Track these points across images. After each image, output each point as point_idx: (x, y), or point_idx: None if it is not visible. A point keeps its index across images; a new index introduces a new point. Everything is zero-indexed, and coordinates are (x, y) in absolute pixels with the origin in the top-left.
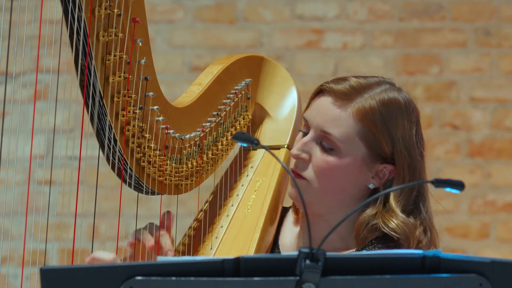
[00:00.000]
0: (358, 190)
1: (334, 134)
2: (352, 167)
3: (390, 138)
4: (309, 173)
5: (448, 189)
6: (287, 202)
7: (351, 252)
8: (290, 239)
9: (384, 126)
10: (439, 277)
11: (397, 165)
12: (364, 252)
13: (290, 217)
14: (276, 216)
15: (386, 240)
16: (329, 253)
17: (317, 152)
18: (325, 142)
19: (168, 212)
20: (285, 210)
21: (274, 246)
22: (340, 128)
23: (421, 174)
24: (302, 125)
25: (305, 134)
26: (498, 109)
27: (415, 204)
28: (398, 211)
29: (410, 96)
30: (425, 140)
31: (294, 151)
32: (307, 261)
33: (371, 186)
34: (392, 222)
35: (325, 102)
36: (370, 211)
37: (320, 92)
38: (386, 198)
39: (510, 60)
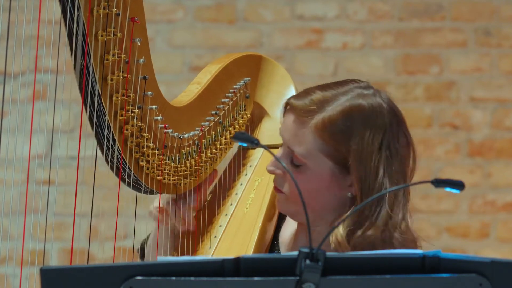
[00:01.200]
0: (338, 200)
1: (297, 151)
2: (323, 181)
3: (349, 150)
4: (285, 188)
5: (448, 189)
6: None
7: (351, 252)
8: (288, 237)
9: (344, 138)
10: (439, 277)
11: (354, 176)
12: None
13: None
14: (275, 215)
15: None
16: (329, 253)
17: (288, 167)
18: (294, 159)
19: (215, 170)
20: None
21: (274, 243)
22: (302, 145)
23: (379, 182)
24: None
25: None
26: (498, 109)
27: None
28: (341, 228)
29: (386, 100)
30: (413, 144)
31: (268, 167)
32: (307, 261)
33: (349, 195)
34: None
35: (289, 119)
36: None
37: (285, 107)
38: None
39: (510, 60)
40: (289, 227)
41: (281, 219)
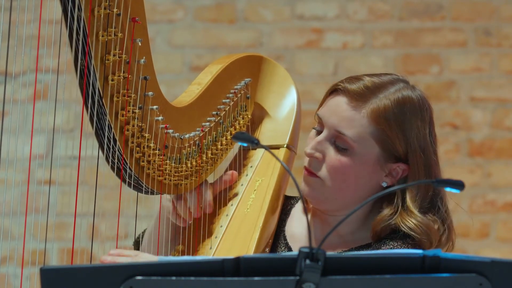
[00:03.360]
0: (371, 188)
1: (348, 134)
2: (365, 167)
3: (404, 138)
4: (322, 172)
5: (448, 189)
6: (293, 192)
7: (351, 252)
8: (300, 230)
9: (398, 126)
10: (439, 277)
11: (412, 164)
12: (364, 252)
13: (299, 207)
14: (275, 215)
15: (405, 237)
16: (329, 253)
17: (331, 152)
18: (339, 142)
19: (234, 172)
20: (288, 199)
21: (279, 236)
22: (354, 128)
23: (435, 172)
24: (316, 122)
25: (318, 132)
26: (498, 109)
27: (431, 203)
28: (415, 211)
29: (424, 94)
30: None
31: (308, 149)
32: (307, 261)
33: (384, 184)
34: (410, 222)
35: (339, 102)
36: (387, 211)
37: (334, 91)
38: (403, 198)
39: (510, 60)
40: (297, 221)
41: (284, 214)
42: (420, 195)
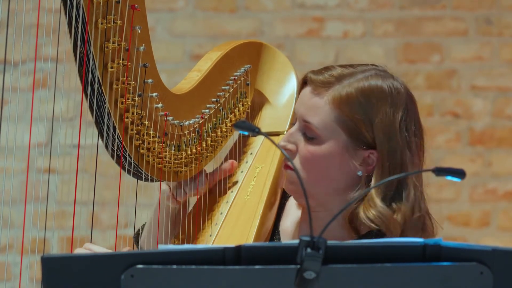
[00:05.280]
0: (348, 178)
1: (312, 122)
2: (334, 155)
3: (369, 124)
4: (296, 164)
5: (449, 178)
6: None
7: (353, 240)
8: (290, 226)
9: (362, 112)
10: (440, 266)
11: (378, 150)
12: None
13: (293, 201)
14: (275, 202)
15: (378, 235)
16: (330, 242)
17: (301, 143)
18: (307, 132)
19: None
20: (286, 194)
21: (274, 232)
22: (318, 116)
23: (403, 159)
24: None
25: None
26: (499, 97)
27: (397, 191)
28: (377, 200)
29: (403, 83)
30: (423, 127)
31: (281, 142)
32: (308, 250)
33: (359, 173)
34: (370, 213)
35: (306, 92)
36: (356, 201)
37: (303, 81)
38: (368, 186)
39: (511, 48)
40: (290, 216)
41: (280, 208)
42: (383, 183)
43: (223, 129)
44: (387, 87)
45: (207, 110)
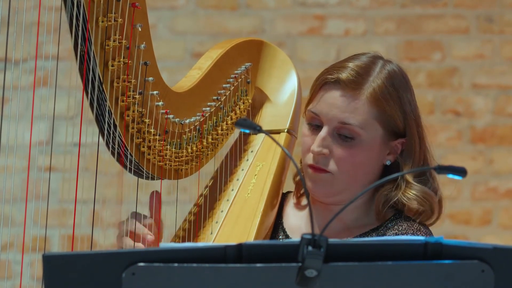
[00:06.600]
0: (378, 170)
1: (354, 123)
2: (372, 151)
3: (402, 113)
4: (332, 166)
5: (450, 176)
6: (289, 187)
7: (355, 238)
8: (299, 222)
9: (395, 102)
10: (441, 264)
11: (408, 135)
12: (366, 238)
13: (291, 201)
14: (276, 201)
15: (408, 219)
16: (331, 240)
17: (336, 145)
18: (345, 132)
19: (156, 192)
20: (283, 195)
21: (277, 230)
22: (358, 116)
23: (426, 141)
24: (308, 117)
25: (313, 126)
26: (500, 95)
27: (425, 175)
28: (414, 182)
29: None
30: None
31: (315, 148)
32: (310, 247)
33: (388, 162)
34: (410, 193)
35: (336, 94)
36: (387, 186)
37: (325, 84)
38: (398, 171)
39: None
40: (293, 215)
41: (281, 207)
42: (414, 166)
43: (224, 127)
44: (398, 70)
45: (208, 108)
